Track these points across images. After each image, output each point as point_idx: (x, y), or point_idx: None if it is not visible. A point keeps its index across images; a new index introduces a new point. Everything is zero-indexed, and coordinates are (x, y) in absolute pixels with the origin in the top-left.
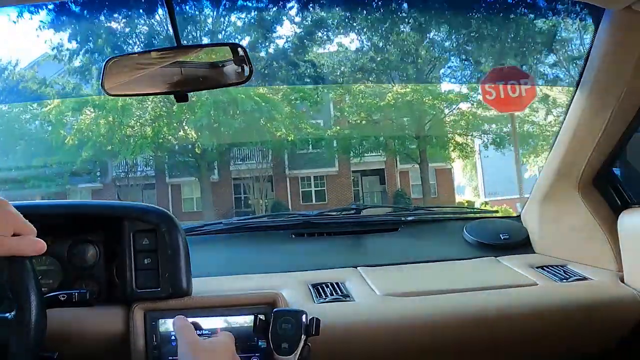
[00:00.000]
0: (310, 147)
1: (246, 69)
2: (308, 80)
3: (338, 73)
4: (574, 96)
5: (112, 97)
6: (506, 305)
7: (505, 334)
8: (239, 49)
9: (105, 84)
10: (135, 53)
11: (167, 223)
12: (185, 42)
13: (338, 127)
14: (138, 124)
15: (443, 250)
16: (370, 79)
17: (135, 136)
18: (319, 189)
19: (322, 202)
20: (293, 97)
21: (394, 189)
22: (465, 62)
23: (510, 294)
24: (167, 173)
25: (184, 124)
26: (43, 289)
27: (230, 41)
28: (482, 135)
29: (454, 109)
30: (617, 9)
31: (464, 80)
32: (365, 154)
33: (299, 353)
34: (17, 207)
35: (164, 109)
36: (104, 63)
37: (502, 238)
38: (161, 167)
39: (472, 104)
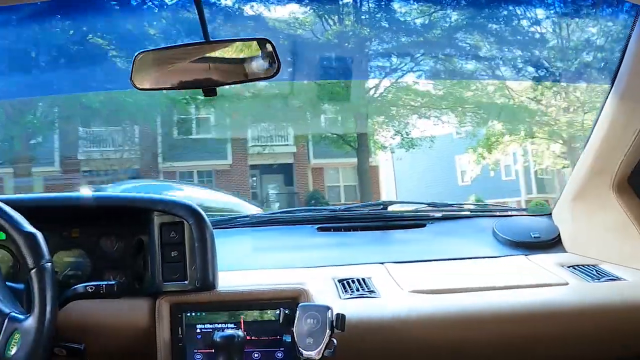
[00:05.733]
0: (195, 131)
1: (275, 64)
2: None
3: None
4: (608, 95)
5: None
6: (536, 305)
7: (534, 334)
8: (267, 44)
9: (134, 77)
10: (164, 47)
11: (194, 216)
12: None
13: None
14: None
15: (471, 247)
16: None
17: None
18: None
19: None
20: None
21: (306, 189)
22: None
23: (540, 293)
24: None
25: None
26: (71, 281)
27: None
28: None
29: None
30: None
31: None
32: (269, 144)
33: (323, 348)
34: (47, 199)
35: None
36: (133, 57)
37: (532, 236)
38: None
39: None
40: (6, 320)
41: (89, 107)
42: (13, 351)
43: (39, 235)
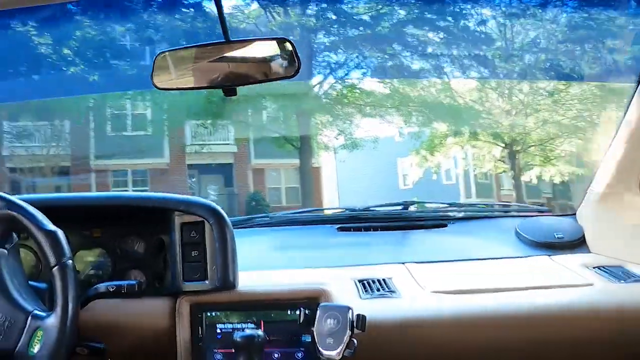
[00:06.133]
0: (131, 126)
1: (295, 63)
2: None
3: None
4: (633, 94)
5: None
6: (560, 306)
7: (559, 335)
8: (287, 44)
9: (155, 77)
10: (184, 48)
11: (215, 216)
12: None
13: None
14: None
15: (494, 248)
16: None
17: None
18: (138, 188)
19: None
20: None
21: (247, 191)
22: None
23: (565, 294)
24: None
25: None
26: (92, 280)
27: (279, 36)
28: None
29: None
30: None
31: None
32: (208, 142)
33: (344, 348)
34: (69, 199)
35: None
36: (154, 57)
37: (556, 237)
38: None
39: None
40: (29, 318)
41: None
42: (36, 349)
43: (60, 233)
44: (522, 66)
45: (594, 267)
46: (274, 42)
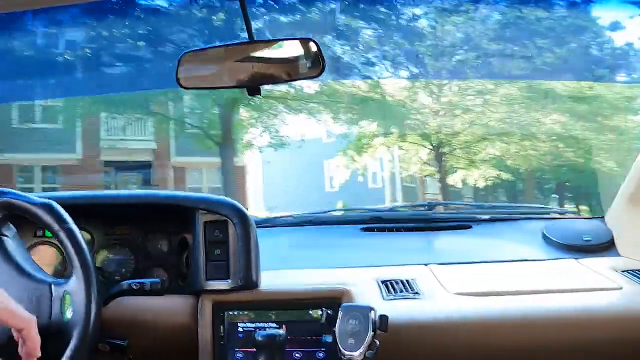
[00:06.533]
0: (39, 118)
1: (319, 63)
2: None
3: None
4: None
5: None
6: (587, 309)
7: (585, 339)
8: (312, 44)
9: (180, 76)
10: (209, 47)
11: (238, 215)
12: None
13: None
14: None
15: (519, 250)
16: None
17: None
18: (49, 185)
19: None
20: None
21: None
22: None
23: (592, 298)
24: None
25: None
26: (115, 278)
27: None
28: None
29: None
30: None
31: None
32: (125, 138)
33: (365, 349)
34: (93, 197)
35: None
36: (179, 56)
37: (584, 239)
38: None
39: None
40: (52, 288)
41: None
42: (69, 313)
43: (55, 203)
44: (453, 64)
45: (623, 271)
46: (298, 42)
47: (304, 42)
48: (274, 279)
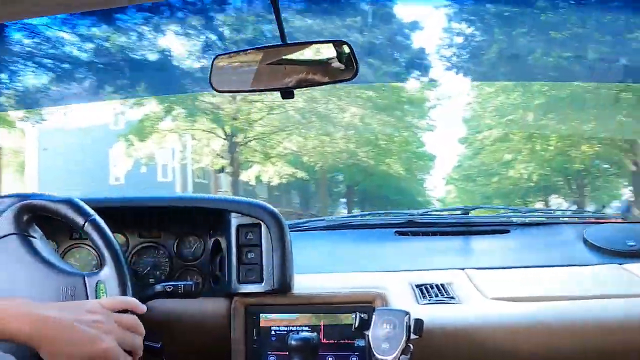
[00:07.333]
0: None
1: (353, 66)
2: None
3: None
4: None
5: None
6: (630, 316)
7: (628, 347)
8: (345, 46)
9: (213, 80)
10: (241, 50)
11: (271, 218)
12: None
13: None
14: None
15: (559, 254)
16: None
17: None
18: None
19: None
20: None
21: None
22: None
23: (636, 304)
24: None
25: None
26: (150, 280)
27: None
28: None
29: None
30: None
31: None
32: None
33: (399, 354)
34: (127, 200)
35: None
36: (212, 60)
37: (628, 245)
38: None
39: None
40: (85, 278)
41: None
42: None
43: (75, 198)
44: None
45: None
46: (331, 45)
47: (337, 44)
48: (307, 282)
